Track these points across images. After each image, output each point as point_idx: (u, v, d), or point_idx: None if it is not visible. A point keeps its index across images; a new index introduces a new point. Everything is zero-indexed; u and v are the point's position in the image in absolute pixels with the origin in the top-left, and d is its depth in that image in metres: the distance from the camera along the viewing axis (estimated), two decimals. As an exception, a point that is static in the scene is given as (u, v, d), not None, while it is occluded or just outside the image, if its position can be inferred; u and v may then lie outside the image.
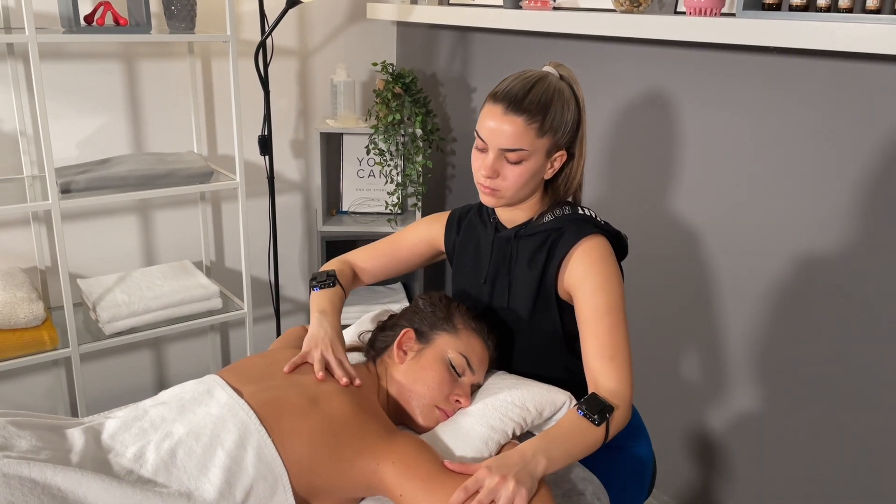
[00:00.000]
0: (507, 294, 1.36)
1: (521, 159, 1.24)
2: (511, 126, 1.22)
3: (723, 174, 1.84)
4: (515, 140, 1.23)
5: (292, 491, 1.06)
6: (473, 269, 1.43)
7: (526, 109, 1.22)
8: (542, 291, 1.32)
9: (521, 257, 1.34)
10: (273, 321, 2.75)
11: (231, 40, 2.13)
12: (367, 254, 1.54)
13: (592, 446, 1.16)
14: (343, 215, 2.72)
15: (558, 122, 1.25)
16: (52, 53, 2.20)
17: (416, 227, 1.53)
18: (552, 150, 1.27)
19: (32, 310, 2.03)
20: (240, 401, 1.13)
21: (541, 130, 1.23)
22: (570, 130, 1.28)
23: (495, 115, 1.24)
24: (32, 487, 0.93)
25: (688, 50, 1.84)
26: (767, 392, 1.84)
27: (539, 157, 1.26)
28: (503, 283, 1.37)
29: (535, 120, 1.23)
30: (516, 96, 1.23)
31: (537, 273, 1.31)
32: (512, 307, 1.36)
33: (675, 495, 2.12)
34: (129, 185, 2.11)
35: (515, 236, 1.35)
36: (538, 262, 1.31)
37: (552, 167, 1.30)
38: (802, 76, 1.64)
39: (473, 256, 1.44)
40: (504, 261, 1.37)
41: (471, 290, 1.44)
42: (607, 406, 1.17)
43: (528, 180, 1.27)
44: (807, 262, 1.71)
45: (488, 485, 1.03)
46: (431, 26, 2.68)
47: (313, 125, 2.73)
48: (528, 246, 1.33)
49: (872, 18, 1.40)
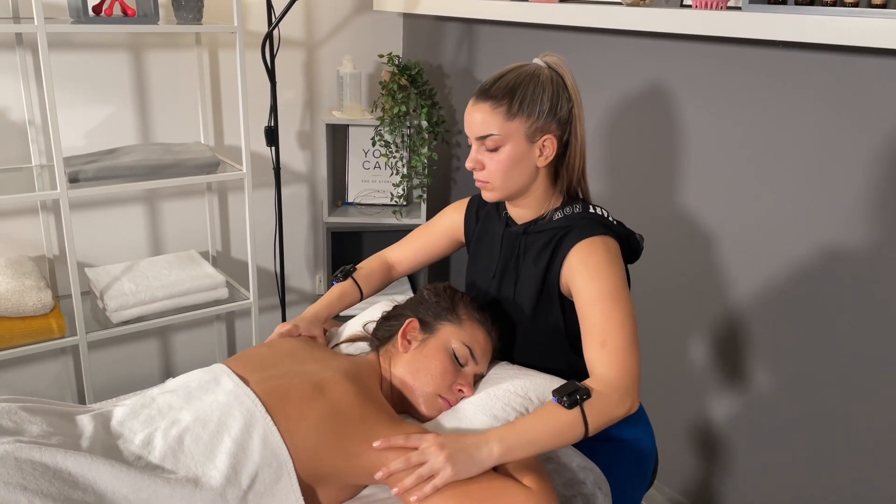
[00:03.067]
0: (513, 288, 1.38)
1: (497, 145, 1.26)
2: (479, 113, 1.27)
3: (728, 168, 1.84)
4: (484, 126, 1.26)
5: (297, 477, 1.08)
6: (486, 262, 1.45)
7: (491, 95, 1.26)
8: (545, 287, 1.33)
9: (529, 253, 1.35)
10: (278, 311, 2.77)
11: (238, 31, 2.13)
12: (401, 246, 1.60)
13: (565, 432, 1.12)
14: (348, 206, 2.73)
15: (529, 104, 1.25)
16: (60, 43, 2.21)
17: (442, 214, 1.57)
18: (534, 134, 1.26)
19: (41, 298, 2.05)
20: (245, 389, 1.14)
21: (509, 113, 1.25)
22: (550, 113, 1.26)
23: (469, 107, 1.29)
24: (44, 471, 0.95)
25: (694, 43, 1.85)
26: (769, 385, 1.85)
27: (517, 141, 1.26)
28: (511, 277, 1.39)
29: (501, 104, 1.25)
30: (484, 86, 1.28)
31: (542, 269, 1.32)
32: (517, 301, 1.37)
33: (678, 487, 2.14)
34: (137, 174, 2.13)
35: (525, 232, 1.36)
36: (543, 258, 1.32)
37: (542, 154, 1.28)
38: (808, 70, 1.64)
39: (487, 250, 1.45)
40: (513, 255, 1.38)
41: (481, 283, 1.46)
42: (581, 389, 1.14)
43: (510, 167, 1.27)
44: (811, 257, 1.71)
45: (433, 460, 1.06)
46: (438, 18, 2.69)
47: (319, 116, 2.74)
48: (537, 242, 1.34)
49: (878, 13, 1.41)
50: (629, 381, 1.17)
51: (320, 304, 1.49)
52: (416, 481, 1.05)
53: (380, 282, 1.57)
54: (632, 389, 1.17)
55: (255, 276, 2.38)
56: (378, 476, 1.07)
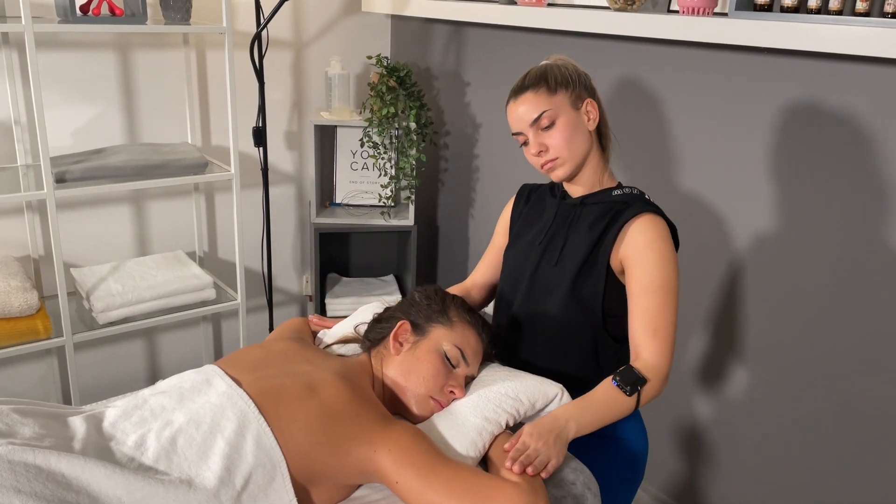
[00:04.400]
0: (558, 254, 1.42)
1: (552, 120, 1.35)
2: (524, 104, 1.36)
3: (712, 171, 1.87)
4: (534, 109, 1.35)
5: (290, 478, 1.08)
6: (533, 234, 1.49)
7: (527, 86, 1.37)
8: (592, 255, 1.37)
9: (583, 221, 1.41)
10: (266, 312, 2.76)
11: (227, 32, 2.13)
12: (478, 268, 1.65)
13: (621, 414, 1.26)
14: (336, 207, 2.74)
15: (562, 78, 1.37)
16: (47, 42, 2.19)
17: (498, 223, 1.62)
18: (576, 101, 1.37)
19: (27, 299, 2.03)
20: (238, 390, 1.14)
21: (549, 90, 1.35)
22: (580, 83, 1.38)
23: (511, 109, 1.39)
24: (37, 474, 0.94)
25: (680, 48, 1.87)
26: (755, 385, 1.88)
27: (567, 111, 1.36)
28: (558, 243, 1.43)
29: (540, 87, 1.36)
30: (516, 86, 1.40)
31: (594, 237, 1.37)
32: (560, 266, 1.41)
33: (663, 487, 2.16)
34: (125, 175, 2.12)
35: (582, 203, 1.43)
36: (598, 227, 1.38)
37: (589, 118, 1.38)
38: (793, 76, 1.67)
39: (536, 224, 1.50)
40: (564, 223, 1.44)
41: (522, 252, 1.49)
42: (640, 378, 1.26)
43: (571, 135, 1.36)
44: (796, 259, 1.74)
45: (532, 447, 1.15)
46: (426, 20, 2.69)
47: (307, 117, 2.74)
48: (592, 212, 1.40)
49: (861, 21, 1.43)
50: (669, 368, 1.30)
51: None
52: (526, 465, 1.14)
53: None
54: (667, 377, 1.31)
55: (242, 276, 2.37)
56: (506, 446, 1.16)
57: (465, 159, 2.68)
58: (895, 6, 1.43)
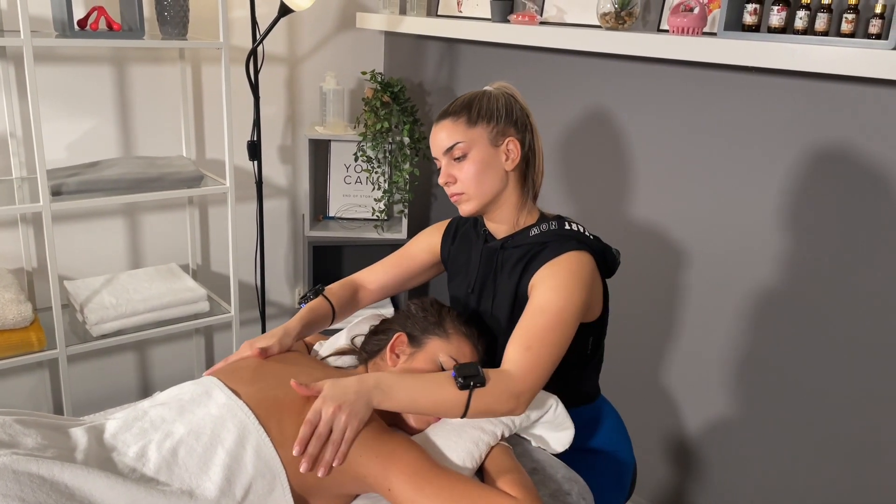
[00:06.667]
0: (491, 302, 1.41)
1: (464, 153, 1.33)
2: (443, 130, 1.35)
3: (703, 185, 1.90)
4: (449, 137, 1.33)
5: (290, 488, 1.10)
6: (464, 278, 1.48)
7: (450, 113, 1.35)
8: (517, 300, 1.36)
9: (506, 267, 1.39)
10: (258, 324, 2.77)
11: (224, 47, 2.15)
12: (374, 269, 1.58)
13: (445, 405, 1.17)
14: (330, 221, 2.75)
15: (486, 110, 1.33)
16: (44, 56, 2.21)
17: (418, 238, 1.58)
18: (497, 137, 1.33)
19: (21, 311, 2.03)
20: (238, 401, 1.16)
21: (469, 121, 1.33)
22: (507, 118, 1.33)
23: (433, 132, 1.37)
24: (41, 484, 0.95)
25: (670, 67, 1.91)
26: (742, 396, 1.90)
27: (482, 146, 1.32)
28: (489, 291, 1.42)
29: (461, 115, 1.33)
30: (443, 109, 1.38)
31: (514, 282, 1.36)
32: (495, 315, 1.41)
33: (652, 498, 2.18)
34: (121, 188, 2.13)
35: (502, 247, 1.40)
36: (516, 272, 1.35)
37: (508, 157, 1.34)
38: (779, 95, 1.71)
39: (464, 267, 1.48)
40: (491, 270, 1.42)
41: (461, 298, 1.49)
42: (479, 376, 1.18)
43: (480, 172, 1.32)
44: (779, 271, 1.77)
45: (325, 416, 1.10)
46: (419, 37, 2.73)
47: (302, 131, 2.77)
48: (513, 257, 1.38)
49: (846, 42, 1.48)
50: (527, 390, 1.20)
51: (291, 321, 1.45)
52: (317, 446, 1.09)
53: (347, 300, 1.53)
54: (524, 396, 1.20)
55: (236, 289, 2.38)
56: (295, 452, 1.09)
57: (458, 174, 2.70)
58: (879, 27, 1.47)
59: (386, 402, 1.16)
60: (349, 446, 1.10)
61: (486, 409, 1.19)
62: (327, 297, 1.50)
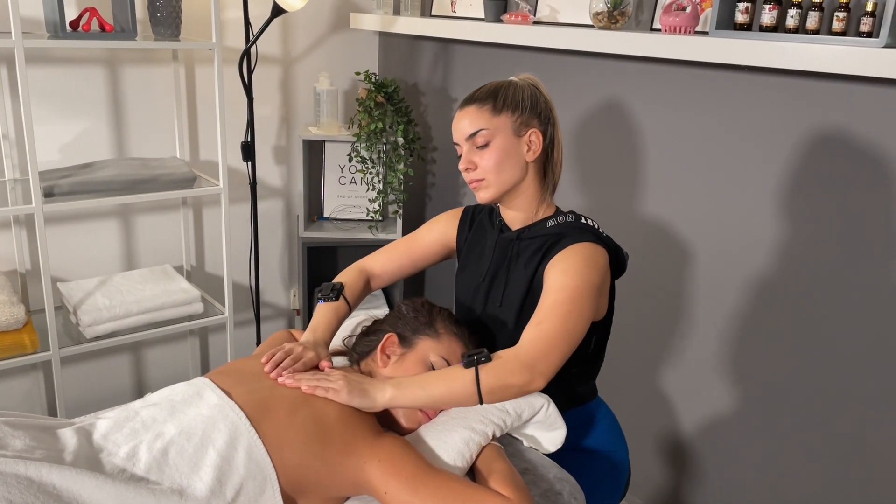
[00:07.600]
0: (502, 293, 1.41)
1: (487, 140, 1.33)
2: (467, 116, 1.35)
3: (696, 186, 1.90)
4: (473, 124, 1.34)
5: (280, 489, 1.09)
6: (476, 267, 1.48)
7: (476, 99, 1.36)
8: (531, 291, 1.36)
9: (521, 258, 1.39)
10: (253, 326, 2.77)
11: (217, 48, 2.15)
12: (383, 257, 1.56)
13: (456, 388, 1.19)
14: (324, 221, 2.75)
15: (511, 100, 1.34)
16: (36, 57, 2.20)
17: (431, 226, 1.56)
18: (520, 127, 1.34)
19: (14, 313, 2.03)
20: (230, 402, 1.15)
21: (494, 109, 1.33)
22: (531, 110, 1.34)
23: (456, 118, 1.37)
24: (29, 485, 0.95)
25: (663, 66, 1.91)
26: (737, 397, 1.90)
27: (505, 134, 1.33)
28: (501, 281, 1.42)
29: (487, 103, 1.34)
30: (468, 96, 1.38)
31: (530, 273, 1.36)
32: (504, 305, 1.40)
33: (647, 498, 2.18)
34: (114, 189, 2.12)
35: (518, 238, 1.40)
36: (533, 262, 1.36)
37: (530, 148, 1.34)
38: (771, 93, 1.71)
39: (478, 256, 1.48)
40: (504, 261, 1.42)
41: (469, 287, 1.48)
42: (482, 353, 1.19)
43: (501, 160, 1.33)
44: (775, 271, 1.78)
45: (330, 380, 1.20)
46: (414, 37, 2.73)
47: (296, 132, 2.76)
48: (529, 247, 1.38)
49: (837, 40, 1.48)
50: (540, 360, 1.19)
51: (321, 327, 1.41)
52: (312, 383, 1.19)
53: (362, 294, 1.54)
54: (538, 367, 1.19)
55: (230, 290, 2.38)
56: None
57: (452, 174, 2.71)
58: (870, 25, 1.47)
59: (400, 397, 1.20)
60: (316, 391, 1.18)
61: (500, 386, 1.18)
62: (346, 298, 1.48)
